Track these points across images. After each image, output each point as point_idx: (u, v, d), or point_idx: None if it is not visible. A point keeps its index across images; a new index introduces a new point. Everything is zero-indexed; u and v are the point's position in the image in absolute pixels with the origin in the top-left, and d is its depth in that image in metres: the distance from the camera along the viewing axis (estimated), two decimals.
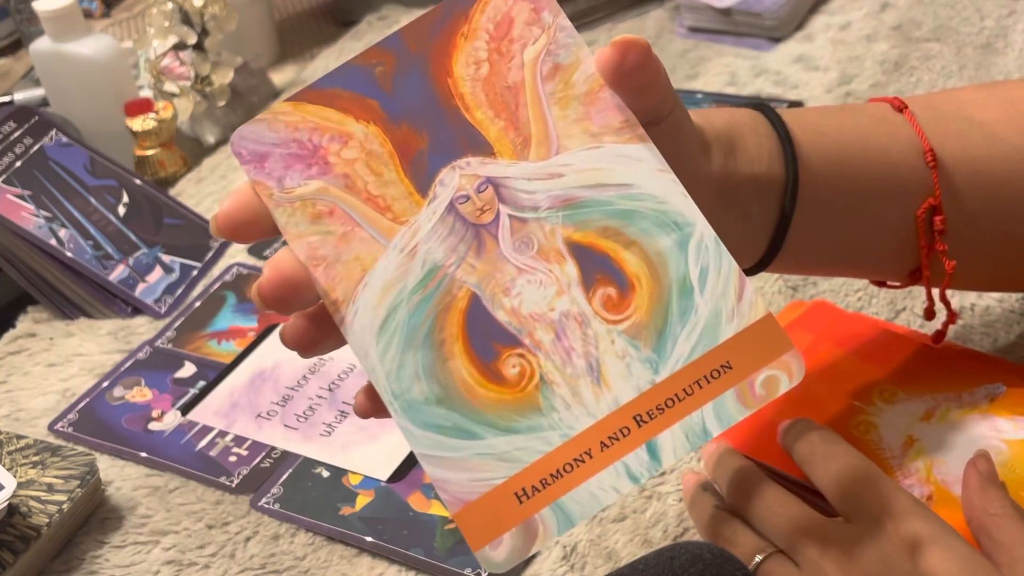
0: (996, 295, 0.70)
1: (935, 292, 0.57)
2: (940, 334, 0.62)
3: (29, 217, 0.80)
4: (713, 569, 0.44)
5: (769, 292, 0.74)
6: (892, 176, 0.53)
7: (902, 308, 0.70)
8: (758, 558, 0.50)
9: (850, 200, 0.52)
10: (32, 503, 0.61)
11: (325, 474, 0.66)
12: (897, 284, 0.58)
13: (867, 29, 1.00)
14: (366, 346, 0.40)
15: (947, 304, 0.58)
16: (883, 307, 0.71)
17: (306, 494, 0.65)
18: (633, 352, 0.39)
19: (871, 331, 0.66)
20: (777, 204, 0.50)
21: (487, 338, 0.40)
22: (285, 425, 0.69)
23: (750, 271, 0.52)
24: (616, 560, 0.58)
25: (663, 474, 0.62)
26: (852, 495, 0.49)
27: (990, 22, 0.98)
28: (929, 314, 0.58)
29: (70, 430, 0.71)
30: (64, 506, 0.61)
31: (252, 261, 0.84)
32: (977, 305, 0.70)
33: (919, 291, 0.71)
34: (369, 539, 0.61)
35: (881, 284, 0.60)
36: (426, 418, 0.40)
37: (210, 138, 1.00)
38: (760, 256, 0.51)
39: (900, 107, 0.54)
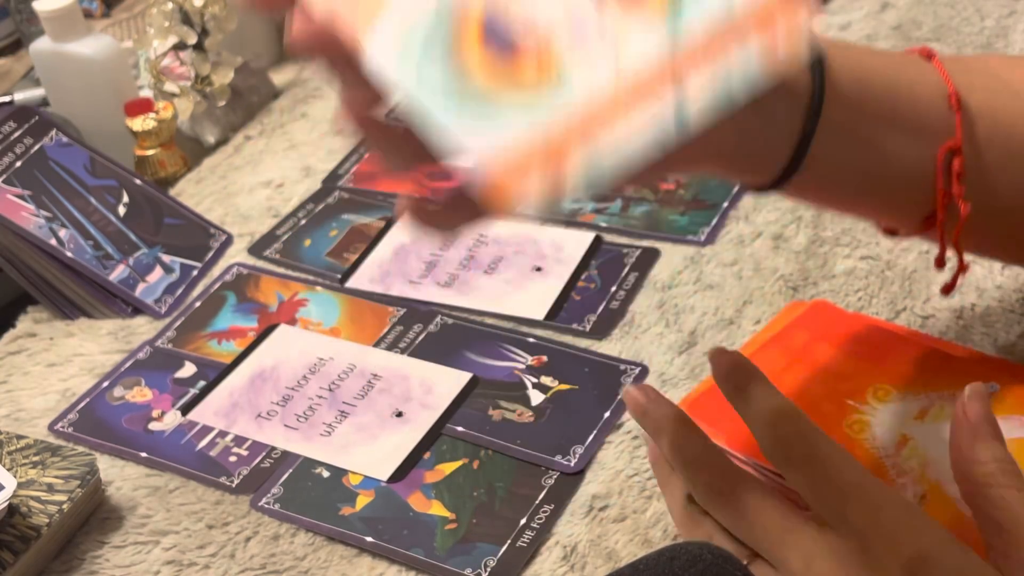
0: (996, 295, 0.70)
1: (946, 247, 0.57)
2: (949, 286, 0.61)
3: (29, 217, 0.80)
4: (713, 569, 0.44)
5: (769, 292, 0.74)
6: (916, 113, 0.54)
7: (902, 308, 0.70)
8: None
9: (873, 127, 0.53)
10: (32, 503, 0.61)
11: (325, 474, 0.66)
12: (910, 231, 0.58)
13: (867, 29, 1.00)
14: (387, 69, 0.40)
15: (959, 250, 0.58)
16: (883, 307, 0.71)
17: (306, 494, 0.65)
18: (651, 26, 0.40)
19: (869, 331, 0.66)
20: (803, 114, 0.50)
21: (505, 40, 0.40)
22: (285, 425, 0.69)
23: (770, 188, 0.53)
24: (616, 560, 0.58)
25: None
26: (837, 509, 0.46)
27: (990, 22, 0.98)
28: (940, 263, 0.58)
29: (70, 430, 0.71)
30: (64, 506, 0.61)
31: (252, 261, 0.85)
32: (977, 305, 0.70)
33: (919, 291, 0.71)
34: (369, 539, 0.61)
35: (892, 233, 0.60)
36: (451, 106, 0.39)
37: (210, 138, 1.00)
38: (782, 168, 0.51)
39: (928, 55, 0.56)
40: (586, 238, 0.81)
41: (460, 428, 0.67)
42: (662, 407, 0.52)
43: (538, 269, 0.65)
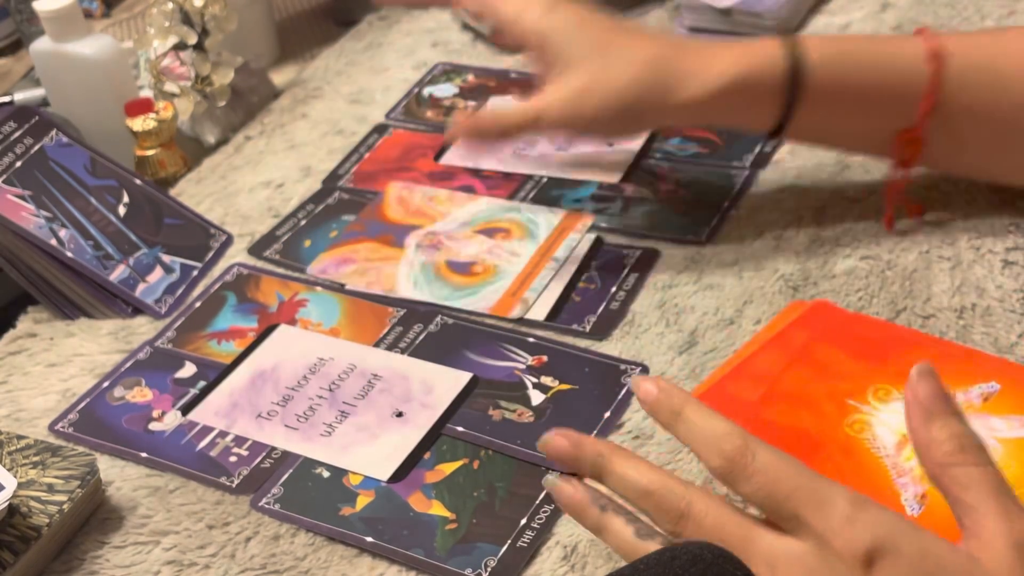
0: (996, 295, 0.70)
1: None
2: (891, 218, 0.76)
3: (29, 217, 0.80)
4: (714, 569, 0.44)
5: (769, 292, 0.74)
6: (895, 77, 0.70)
7: (902, 308, 0.70)
8: None
9: (851, 104, 0.71)
10: (32, 503, 0.61)
11: (325, 474, 0.66)
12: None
13: (867, 29, 1.00)
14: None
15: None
16: (883, 307, 0.71)
17: (306, 494, 0.65)
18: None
19: (870, 331, 0.66)
20: (781, 103, 0.72)
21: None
22: (285, 425, 0.69)
23: (769, 136, 0.75)
24: (616, 560, 0.58)
25: None
26: (790, 513, 0.46)
27: (990, 22, 0.98)
28: (889, 223, 0.76)
29: (70, 430, 0.71)
30: (64, 506, 0.61)
31: (252, 261, 0.85)
32: (978, 305, 0.70)
33: (919, 291, 0.71)
34: (369, 539, 0.61)
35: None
36: None
37: (210, 138, 1.00)
38: (769, 131, 0.74)
39: (917, 32, 0.72)
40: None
41: (460, 428, 0.67)
42: (589, 447, 0.52)
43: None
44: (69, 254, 0.80)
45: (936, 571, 0.44)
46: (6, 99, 1.02)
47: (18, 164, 0.82)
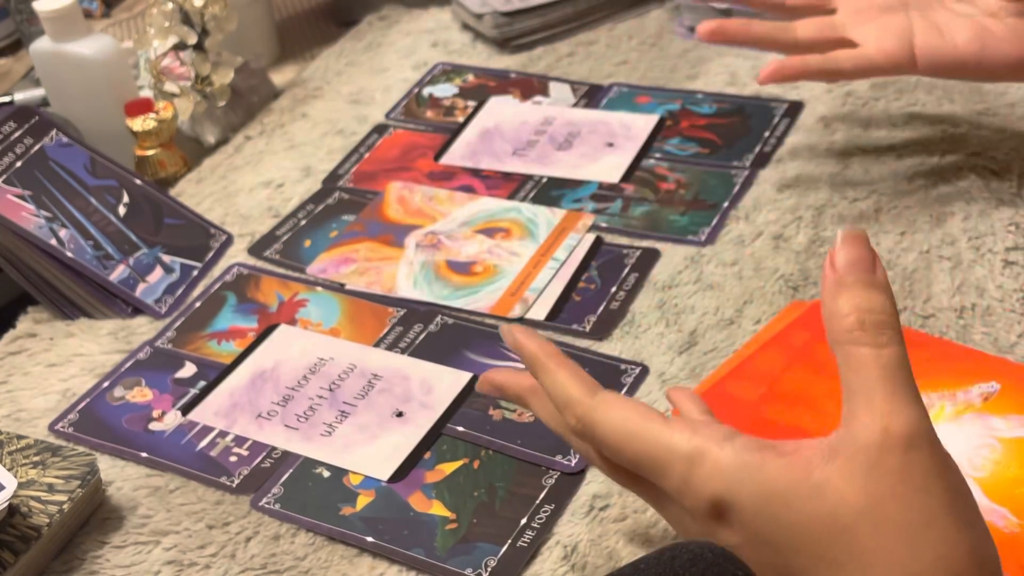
0: (997, 295, 0.70)
1: None
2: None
3: (29, 217, 0.80)
4: (714, 569, 0.44)
5: (769, 292, 0.74)
6: None
7: (902, 308, 0.70)
8: None
9: None
10: (33, 503, 0.61)
11: (326, 474, 0.66)
12: None
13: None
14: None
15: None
16: None
17: (307, 494, 0.65)
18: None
19: None
20: None
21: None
22: (285, 425, 0.69)
23: None
24: (617, 560, 0.58)
25: None
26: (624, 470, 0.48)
27: None
28: None
29: (70, 430, 0.71)
30: (65, 506, 0.61)
31: (252, 261, 0.85)
32: (978, 305, 0.70)
33: (919, 291, 0.72)
34: (370, 539, 0.61)
35: None
36: None
37: (210, 138, 1.00)
38: None
39: None
40: (587, 240, 0.81)
41: (460, 428, 0.67)
42: (532, 342, 0.51)
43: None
44: (69, 254, 0.80)
45: (782, 511, 0.42)
46: (6, 99, 1.02)
47: (18, 164, 0.82)
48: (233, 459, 0.67)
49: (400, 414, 0.69)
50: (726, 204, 0.83)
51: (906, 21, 0.73)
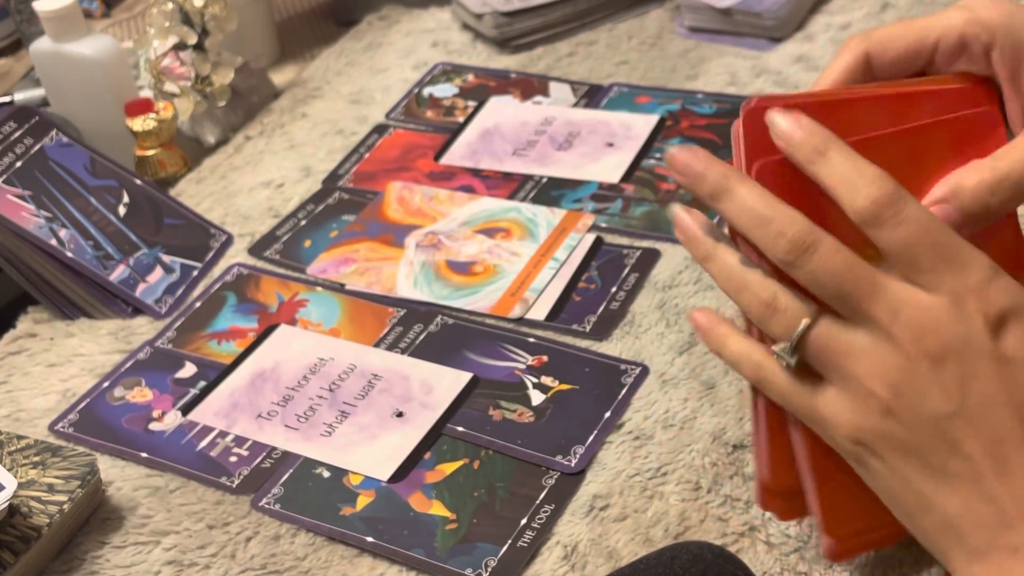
0: None
1: None
2: None
3: (29, 217, 0.80)
4: (714, 569, 0.44)
5: None
6: None
7: None
8: (804, 323, 0.45)
9: None
10: (33, 503, 0.61)
11: (326, 474, 0.66)
12: None
13: (867, 29, 1.00)
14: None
15: None
16: None
17: (307, 494, 0.65)
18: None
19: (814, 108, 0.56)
20: None
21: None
22: (285, 425, 0.69)
23: None
24: (617, 560, 0.58)
25: (664, 475, 0.62)
26: (926, 263, 0.44)
27: None
28: None
29: (70, 430, 0.71)
30: (65, 506, 0.61)
31: (252, 261, 0.85)
32: None
33: None
34: (370, 539, 0.61)
35: None
36: None
37: (210, 138, 1.00)
38: None
39: None
40: (587, 240, 0.81)
41: (460, 428, 0.67)
42: (716, 167, 0.49)
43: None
44: (69, 254, 0.80)
45: None
46: (6, 99, 1.02)
47: (18, 164, 0.82)
48: (233, 459, 0.67)
49: (400, 414, 0.69)
50: None
51: None
